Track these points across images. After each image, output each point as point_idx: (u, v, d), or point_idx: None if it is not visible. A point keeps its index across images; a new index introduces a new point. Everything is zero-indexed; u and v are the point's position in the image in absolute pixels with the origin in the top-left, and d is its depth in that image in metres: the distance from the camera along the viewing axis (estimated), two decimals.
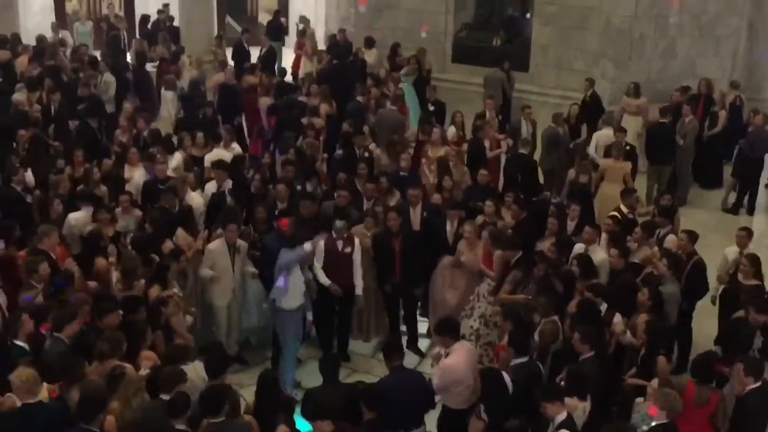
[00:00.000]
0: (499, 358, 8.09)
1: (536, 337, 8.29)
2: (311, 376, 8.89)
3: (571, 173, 12.47)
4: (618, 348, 8.51)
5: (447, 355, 7.73)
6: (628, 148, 13.11)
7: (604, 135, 13.77)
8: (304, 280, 9.39)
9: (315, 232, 9.82)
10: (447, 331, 7.84)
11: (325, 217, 10.20)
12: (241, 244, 9.64)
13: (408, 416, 7.39)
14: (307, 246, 9.29)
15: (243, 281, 9.71)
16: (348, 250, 9.73)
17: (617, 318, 8.54)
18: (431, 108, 15.66)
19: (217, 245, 9.52)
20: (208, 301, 9.73)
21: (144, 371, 7.31)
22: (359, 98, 15.11)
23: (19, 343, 7.43)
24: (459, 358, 7.63)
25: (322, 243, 9.68)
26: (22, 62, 16.58)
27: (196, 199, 10.94)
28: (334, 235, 9.69)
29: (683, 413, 7.21)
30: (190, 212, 10.48)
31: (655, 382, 7.32)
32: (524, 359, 7.66)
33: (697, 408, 7.32)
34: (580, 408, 7.15)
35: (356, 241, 9.80)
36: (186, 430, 6.60)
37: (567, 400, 7.13)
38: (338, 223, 9.68)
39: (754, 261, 9.50)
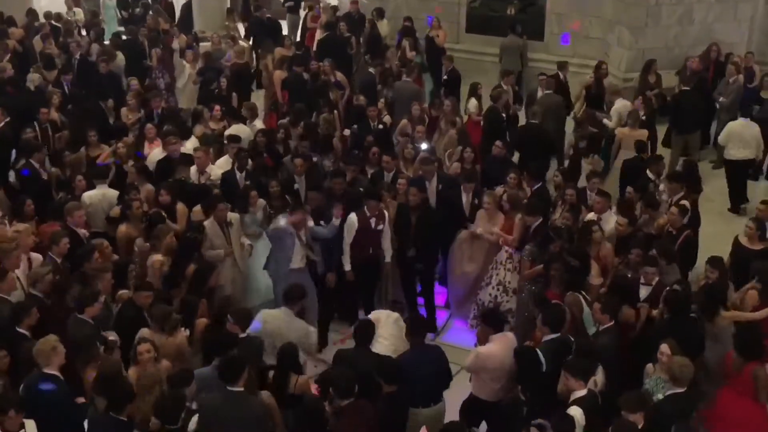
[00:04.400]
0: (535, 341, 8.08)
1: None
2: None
3: (572, 140, 12.39)
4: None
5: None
6: (644, 118, 13.01)
7: (624, 106, 13.60)
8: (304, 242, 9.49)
9: (343, 209, 9.87)
10: (489, 322, 7.82)
11: (353, 194, 10.24)
12: (233, 217, 9.69)
13: (427, 392, 7.42)
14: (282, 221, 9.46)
15: (246, 258, 9.87)
16: (380, 227, 9.78)
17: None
18: (445, 77, 15.59)
19: (208, 225, 9.52)
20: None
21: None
22: (371, 70, 15.08)
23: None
24: (495, 349, 7.60)
25: (354, 218, 9.70)
26: (38, 41, 16.63)
27: (215, 170, 11.02)
28: (367, 212, 9.70)
29: (728, 379, 7.38)
30: (209, 187, 10.52)
31: (665, 347, 7.29)
32: (555, 335, 7.65)
33: (737, 374, 7.38)
34: (590, 382, 7.13)
35: (386, 216, 9.82)
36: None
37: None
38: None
39: (760, 224, 9.40)
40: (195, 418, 6.56)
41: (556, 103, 13.92)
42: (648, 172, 11.09)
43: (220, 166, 11.22)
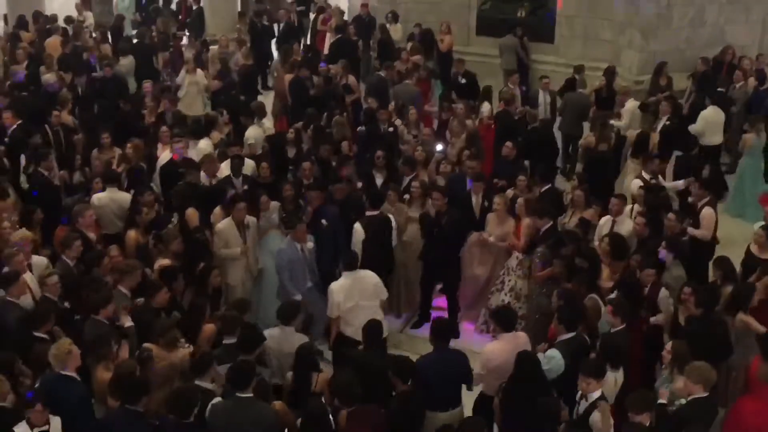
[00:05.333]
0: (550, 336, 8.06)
1: None
2: None
3: (591, 141, 12.35)
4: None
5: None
6: (668, 122, 12.95)
7: (635, 106, 13.66)
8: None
9: (345, 213, 9.91)
10: (499, 320, 7.76)
11: (356, 199, 10.29)
12: (251, 220, 9.69)
13: (445, 396, 7.37)
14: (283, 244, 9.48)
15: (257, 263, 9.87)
16: None
17: (663, 293, 8.46)
18: (462, 81, 15.51)
19: (225, 224, 9.57)
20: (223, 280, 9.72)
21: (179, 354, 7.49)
22: (382, 73, 15.08)
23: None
24: (500, 347, 7.58)
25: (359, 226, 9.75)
26: (53, 44, 16.68)
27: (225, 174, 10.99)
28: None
29: (753, 389, 7.29)
30: (223, 186, 10.56)
31: (669, 345, 7.28)
32: (571, 334, 7.62)
33: (765, 384, 7.28)
34: (611, 379, 7.14)
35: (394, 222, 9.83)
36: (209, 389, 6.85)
37: None
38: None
39: None
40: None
41: (582, 103, 14.06)
42: (643, 173, 11.02)
43: (222, 170, 11.15)
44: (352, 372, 7.09)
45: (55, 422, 6.51)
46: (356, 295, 8.70)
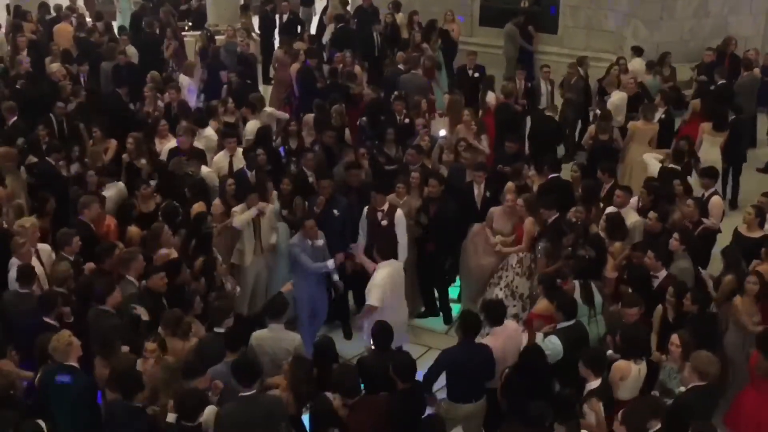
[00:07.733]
0: (532, 327, 8.06)
1: None
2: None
3: (591, 130, 12.37)
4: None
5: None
6: (663, 116, 12.94)
7: (620, 98, 13.56)
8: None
9: (360, 200, 9.91)
10: (488, 315, 7.77)
11: (366, 186, 10.26)
12: (267, 207, 9.65)
13: (474, 387, 7.42)
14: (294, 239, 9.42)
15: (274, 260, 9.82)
16: (384, 222, 9.58)
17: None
18: (475, 75, 15.27)
19: (240, 208, 9.54)
20: (236, 264, 9.73)
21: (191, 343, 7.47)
22: (401, 66, 15.04)
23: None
24: (494, 342, 7.56)
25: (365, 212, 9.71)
26: (63, 32, 16.68)
27: (204, 168, 10.90)
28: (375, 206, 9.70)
29: (753, 382, 7.30)
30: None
31: (675, 338, 7.26)
32: (571, 322, 7.64)
33: (764, 378, 7.28)
34: (634, 370, 7.17)
35: (398, 213, 9.62)
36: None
37: (621, 362, 7.19)
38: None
39: (760, 211, 9.26)
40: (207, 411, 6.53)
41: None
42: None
43: (217, 162, 11.14)
44: (350, 366, 7.16)
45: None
46: (389, 287, 8.71)
